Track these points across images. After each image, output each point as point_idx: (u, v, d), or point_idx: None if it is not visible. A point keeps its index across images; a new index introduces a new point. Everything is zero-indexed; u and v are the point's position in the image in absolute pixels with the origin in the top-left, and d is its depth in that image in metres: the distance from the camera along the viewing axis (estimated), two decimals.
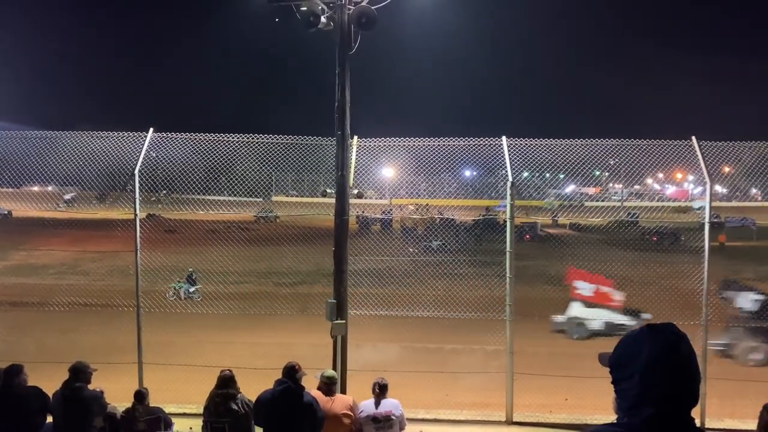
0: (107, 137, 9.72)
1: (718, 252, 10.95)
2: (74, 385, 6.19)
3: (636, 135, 9.40)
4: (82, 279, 16.18)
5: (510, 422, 8.68)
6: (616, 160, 10.04)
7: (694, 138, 8.60)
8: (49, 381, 6.37)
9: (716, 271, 8.51)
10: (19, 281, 16.70)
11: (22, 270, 18.19)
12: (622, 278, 13.15)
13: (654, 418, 1.82)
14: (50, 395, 6.23)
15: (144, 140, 9.00)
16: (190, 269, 16.68)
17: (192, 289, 16.50)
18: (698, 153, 8.50)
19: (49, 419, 6.30)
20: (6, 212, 27.89)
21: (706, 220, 8.37)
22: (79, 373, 6.27)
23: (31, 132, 10.19)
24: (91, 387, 6.46)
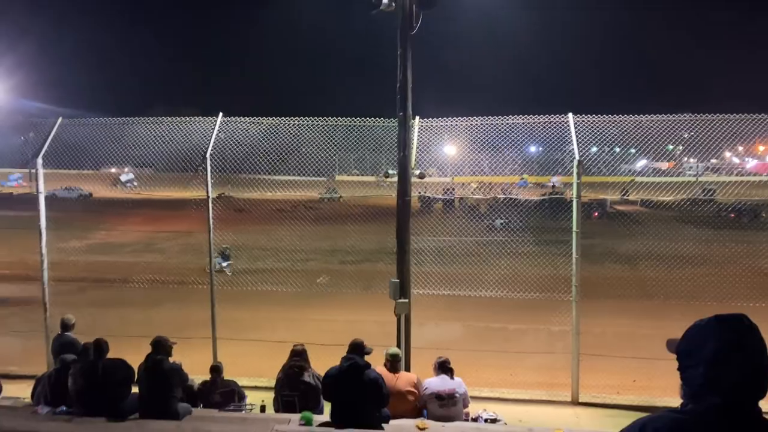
0: (179, 122, 10.17)
1: None
2: (156, 357, 6.61)
3: (713, 108, 8.98)
4: (158, 257, 17.06)
5: (576, 402, 8.67)
6: (691, 133, 9.66)
7: None
8: (133, 354, 6.83)
9: None
10: (101, 259, 17.74)
11: (103, 248, 19.30)
12: (697, 257, 12.70)
13: (718, 408, 1.85)
14: (135, 367, 6.70)
15: (214, 124, 9.39)
16: (224, 246, 17.05)
17: (225, 264, 16.89)
18: None
19: (135, 390, 6.76)
20: (87, 193, 29.61)
21: None
22: (161, 347, 6.68)
23: (109, 119, 10.76)
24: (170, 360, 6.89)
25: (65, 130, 9.93)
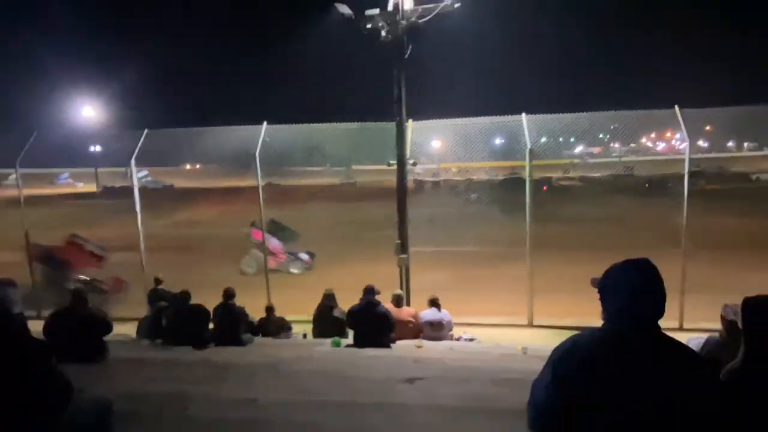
0: (234, 130, 10.10)
1: (699, 195, 10.31)
2: (227, 302, 6.72)
3: (634, 104, 8.86)
4: (226, 230, 17.03)
5: (531, 325, 8.79)
6: (616, 125, 9.55)
7: (676, 107, 8.13)
8: (210, 299, 6.92)
9: (695, 210, 8.13)
10: (184, 232, 17.79)
11: (185, 224, 19.36)
12: (619, 217, 12.63)
13: (631, 326, 1.88)
14: (210, 310, 6.80)
15: (260, 130, 9.37)
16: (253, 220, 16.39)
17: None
18: (680, 118, 8.02)
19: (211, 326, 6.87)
20: (170, 185, 29.75)
21: (686, 170, 7.99)
22: (229, 295, 6.80)
23: (180, 129, 10.63)
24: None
25: (149, 139, 9.93)
